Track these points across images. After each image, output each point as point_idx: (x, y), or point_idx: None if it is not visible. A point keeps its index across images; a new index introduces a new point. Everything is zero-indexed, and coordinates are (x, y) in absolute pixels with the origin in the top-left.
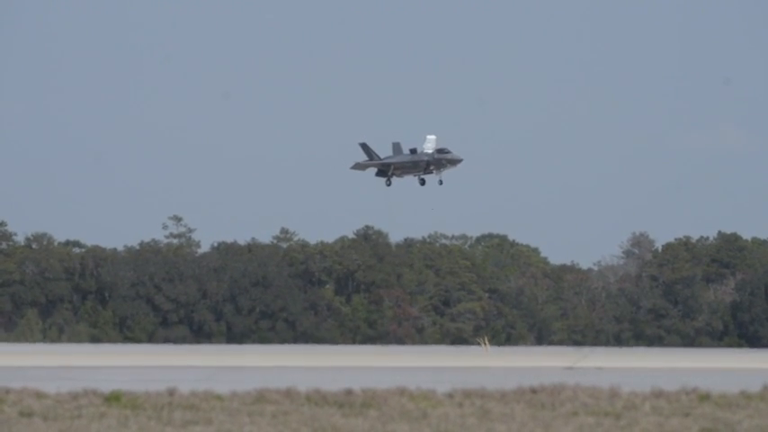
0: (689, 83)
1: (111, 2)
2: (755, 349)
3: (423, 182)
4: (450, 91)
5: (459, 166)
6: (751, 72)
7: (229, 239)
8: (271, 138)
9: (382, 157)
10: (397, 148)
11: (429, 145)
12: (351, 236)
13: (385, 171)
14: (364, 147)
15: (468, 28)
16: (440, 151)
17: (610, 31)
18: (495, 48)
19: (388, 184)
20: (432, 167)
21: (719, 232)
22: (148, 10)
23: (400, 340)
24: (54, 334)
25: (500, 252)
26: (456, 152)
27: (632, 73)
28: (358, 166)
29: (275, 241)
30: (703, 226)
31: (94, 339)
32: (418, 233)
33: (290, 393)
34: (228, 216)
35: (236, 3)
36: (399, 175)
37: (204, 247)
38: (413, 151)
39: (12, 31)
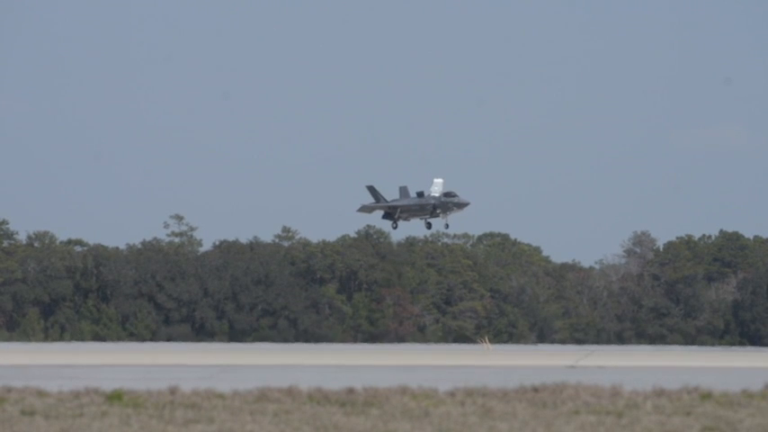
0: (690, 81)
1: (112, 2)
2: (757, 348)
3: (429, 225)
4: (451, 89)
5: (465, 209)
6: (753, 71)
7: (231, 238)
8: (272, 136)
9: (389, 199)
10: (404, 191)
11: (436, 188)
12: (352, 235)
13: (391, 214)
14: (371, 189)
15: (465, 24)
16: (447, 195)
17: (612, 29)
18: (496, 46)
19: (395, 227)
20: (438, 211)
21: (721, 231)
22: (148, 10)
23: (402, 339)
24: (56, 333)
25: (502, 251)
26: (463, 195)
27: (633, 71)
28: (365, 209)
29: (277, 240)
30: (705, 224)
31: (96, 338)
32: (420, 232)
33: (291, 392)
34: (230, 215)
35: (236, 3)
36: (406, 218)
37: (206, 246)
38: (420, 194)
39: (14, 30)
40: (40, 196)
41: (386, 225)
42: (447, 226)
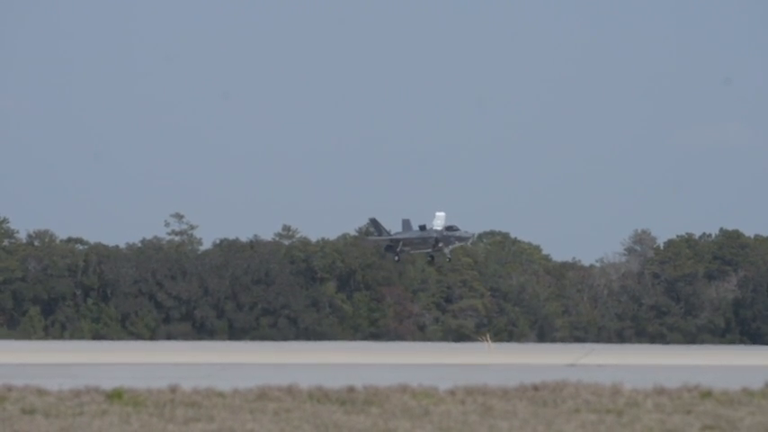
0: (691, 79)
1: (113, 3)
2: (757, 346)
3: (432, 259)
4: (451, 88)
5: (468, 242)
6: (754, 69)
7: (231, 236)
8: (272, 135)
9: (391, 231)
10: (406, 224)
11: (438, 222)
12: (353, 233)
13: (394, 247)
14: (374, 222)
15: (465, 23)
16: (449, 228)
17: (613, 27)
18: (497, 45)
19: (397, 260)
20: (440, 244)
21: (721, 229)
22: (149, 10)
23: (402, 337)
24: (56, 331)
25: (502, 249)
26: (464, 229)
27: (633, 69)
28: (368, 242)
29: (277, 238)
30: (705, 223)
31: (97, 336)
32: None
33: (291, 390)
34: (230, 213)
35: (236, 3)
36: (408, 252)
37: (206, 245)
38: (422, 228)
39: (16, 30)
40: (41, 195)
41: (387, 223)
42: (449, 260)
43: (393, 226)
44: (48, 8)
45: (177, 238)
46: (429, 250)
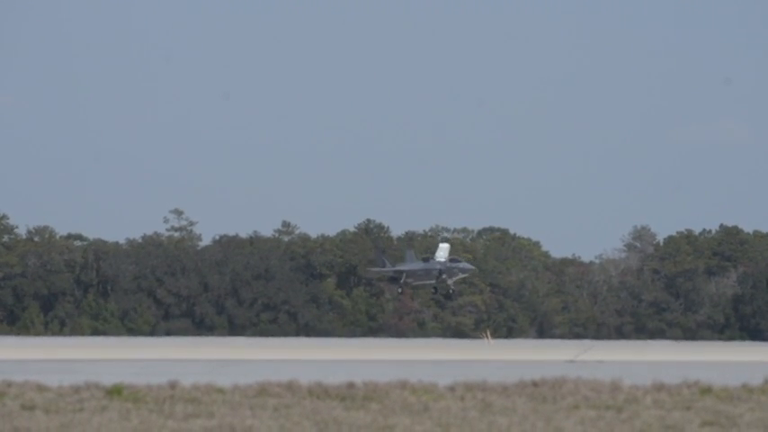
0: (690, 76)
1: (114, 2)
2: (757, 342)
3: (435, 290)
4: (451, 85)
5: (470, 274)
6: (754, 66)
7: (231, 232)
8: (272, 131)
9: (394, 264)
10: (410, 255)
11: (442, 253)
12: (352, 229)
13: (397, 279)
14: (377, 253)
15: (464, 21)
16: (452, 260)
17: (613, 25)
18: (496, 43)
19: (400, 292)
20: (444, 276)
21: (721, 225)
22: (149, 10)
23: (401, 334)
24: (56, 327)
25: (501, 245)
26: (466, 262)
27: (632, 66)
28: (372, 274)
29: (277, 234)
30: (705, 219)
31: (96, 332)
32: (419, 227)
33: (291, 386)
34: (230, 209)
35: (236, 3)
36: (411, 283)
37: (206, 241)
38: (426, 260)
39: (16, 29)
40: (40, 191)
41: (386, 220)
42: (453, 291)
43: (392, 222)
44: (48, 7)
45: (177, 235)
46: (432, 282)
